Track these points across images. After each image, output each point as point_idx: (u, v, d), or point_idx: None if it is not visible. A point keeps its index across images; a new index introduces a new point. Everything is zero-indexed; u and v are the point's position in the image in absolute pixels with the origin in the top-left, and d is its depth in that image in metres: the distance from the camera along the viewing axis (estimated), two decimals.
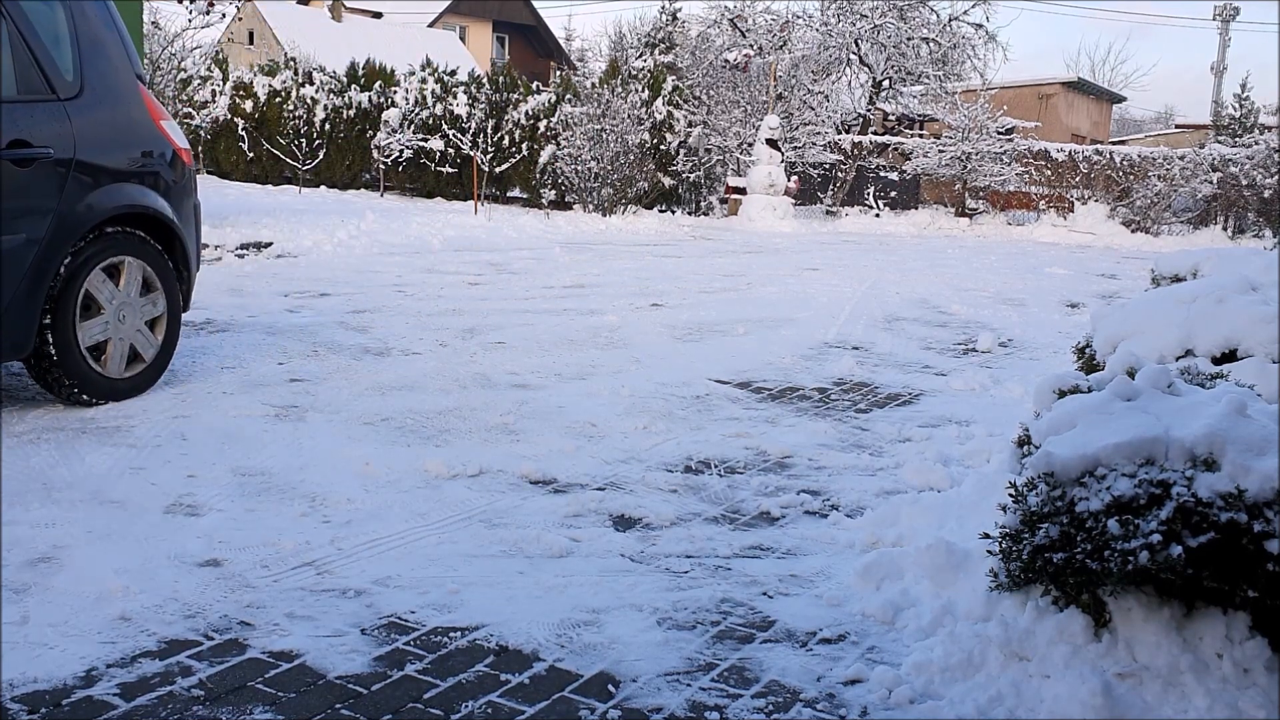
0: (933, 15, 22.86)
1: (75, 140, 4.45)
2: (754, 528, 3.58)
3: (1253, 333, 3.58)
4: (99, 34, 4.73)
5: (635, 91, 17.82)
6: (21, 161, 4.23)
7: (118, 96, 4.75)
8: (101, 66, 4.68)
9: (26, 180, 4.26)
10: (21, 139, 4.24)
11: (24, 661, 2.47)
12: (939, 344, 7.26)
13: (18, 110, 4.27)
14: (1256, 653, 2.44)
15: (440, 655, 2.61)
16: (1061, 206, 20.09)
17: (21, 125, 4.25)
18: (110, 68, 4.73)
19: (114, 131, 4.70)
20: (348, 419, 4.62)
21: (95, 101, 4.61)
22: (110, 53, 4.76)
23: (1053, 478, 2.53)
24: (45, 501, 3.48)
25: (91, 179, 4.51)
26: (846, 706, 2.46)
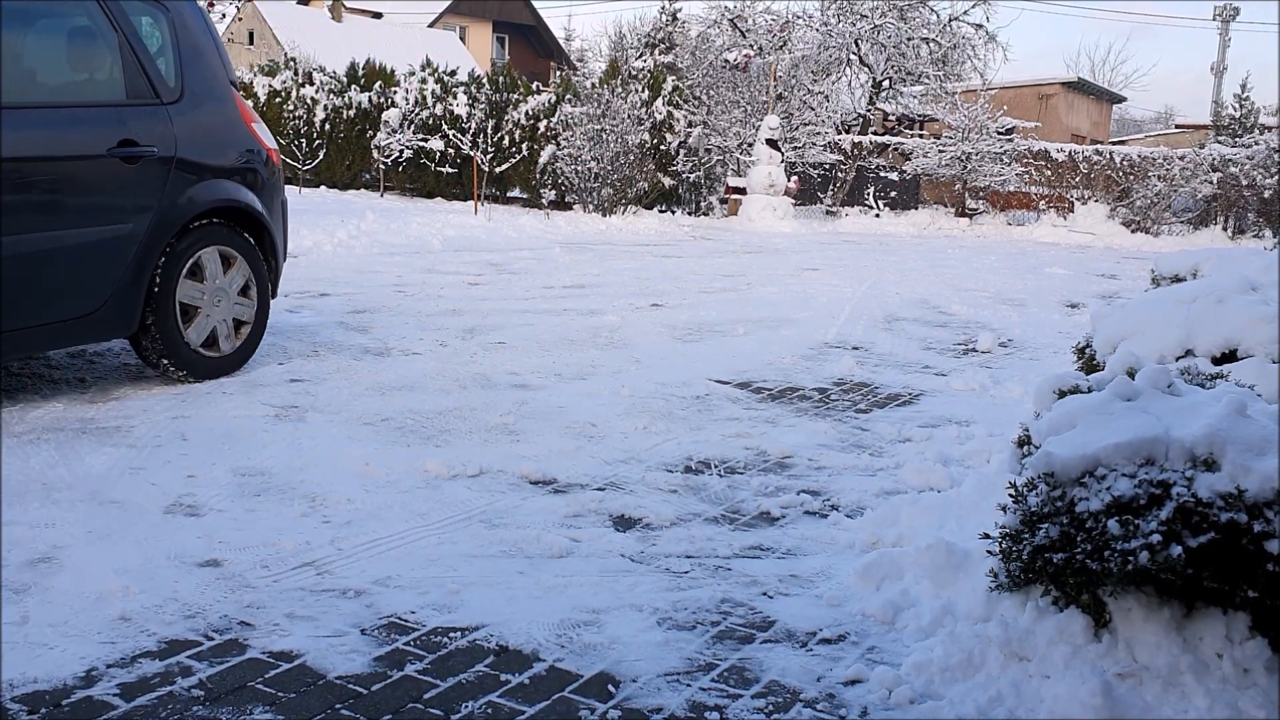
0: (933, 15, 22.86)
1: (176, 140, 4.87)
2: (754, 528, 3.58)
3: (1253, 333, 3.57)
4: (198, 42, 5.15)
5: (635, 92, 17.82)
6: (129, 159, 4.68)
7: (214, 100, 5.18)
8: (200, 72, 5.11)
9: (133, 176, 4.70)
10: (129, 139, 4.68)
11: (24, 661, 2.47)
12: (939, 344, 7.26)
13: (126, 113, 4.73)
14: (1256, 653, 2.44)
15: (440, 655, 2.61)
16: (1061, 207, 20.09)
17: (130, 126, 4.70)
18: (208, 73, 5.17)
19: (210, 132, 5.11)
20: (348, 419, 4.62)
21: (194, 105, 5.03)
22: (208, 59, 5.19)
23: (1053, 478, 2.53)
24: (45, 501, 3.48)
25: (190, 175, 4.94)
26: (846, 707, 2.46)
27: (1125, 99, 43.36)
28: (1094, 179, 20.03)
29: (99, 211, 4.62)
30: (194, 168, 4.96)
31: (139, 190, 4.72)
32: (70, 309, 4.57)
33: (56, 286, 4.51)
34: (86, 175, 4.59)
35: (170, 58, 5.02)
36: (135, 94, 4.81)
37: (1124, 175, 19.61)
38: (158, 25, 5.04)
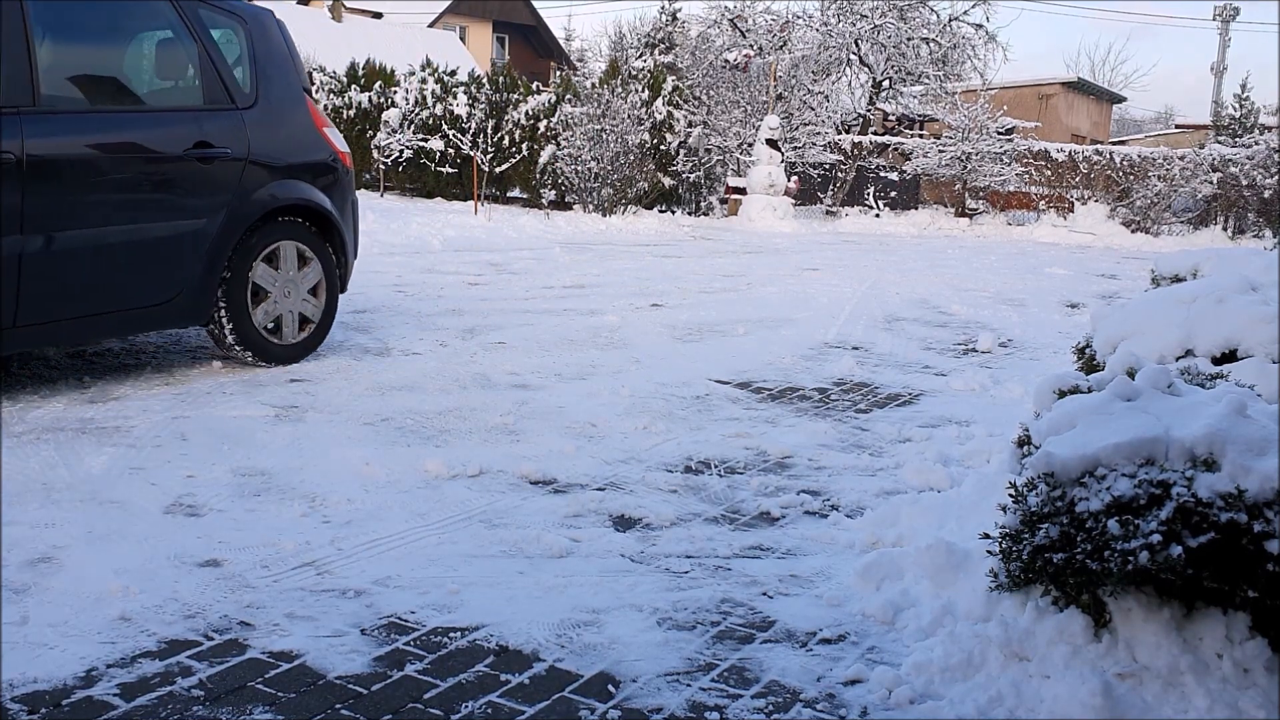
0: (933, 15, 22.86)
1: (249, 142, 5.25)
2: (754, 528, 3.58)
3: (1253, 333, 3.57)
4: (272, 52, 5.55)
5: (635, 92, 17.82)
6: (204, 159, 5.06)
7: (286, 106, 5.55)
8: (273, 80, 5.50)
9: (208, 174, 5.09)
10: (205, 140, 5.06)
11: (24, 661, 2.47)
12: (939, 344, 7.26)
13: (203, 117, 5.14)
14: (1256, 653, 2.44)
15: (440, 655, 2.61)
16: (1061, 207, 20.10)
17: (206, 129, 5.10)
18: (281, 81, 5.55)
19: (282, 136, 5.48)
20: (348, 419, 4.62)
21: (267, 110, 5.41)
22: (281, 68, 5.58)
23: (1053, 478, 2.53)
24: (45, 502, 3.48)
25: (262, 175, 5.30)
26: (846, 707, 2.46)
27: (1125, 99, 43.36)
28: (1094, 179, 20.04)
29: (177, 207, 5.01)
30: (266, 168, 5.33)
31: (214, 188, 5.11)
32: (150, 296, 4.94)
33: (138, 275, 4.88)
34: (166, 174, 4.98)
35: (246, 66, 5.41)
36: (212, 99, 5.21)
37: (1124, 175, 19.61)
38: (236, 36, 5.44)
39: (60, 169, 4.55)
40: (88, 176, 4.66)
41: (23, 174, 4.36)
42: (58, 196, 4.52)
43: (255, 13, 5.58)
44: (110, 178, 4.77)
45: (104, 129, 4.78)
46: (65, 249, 4.56)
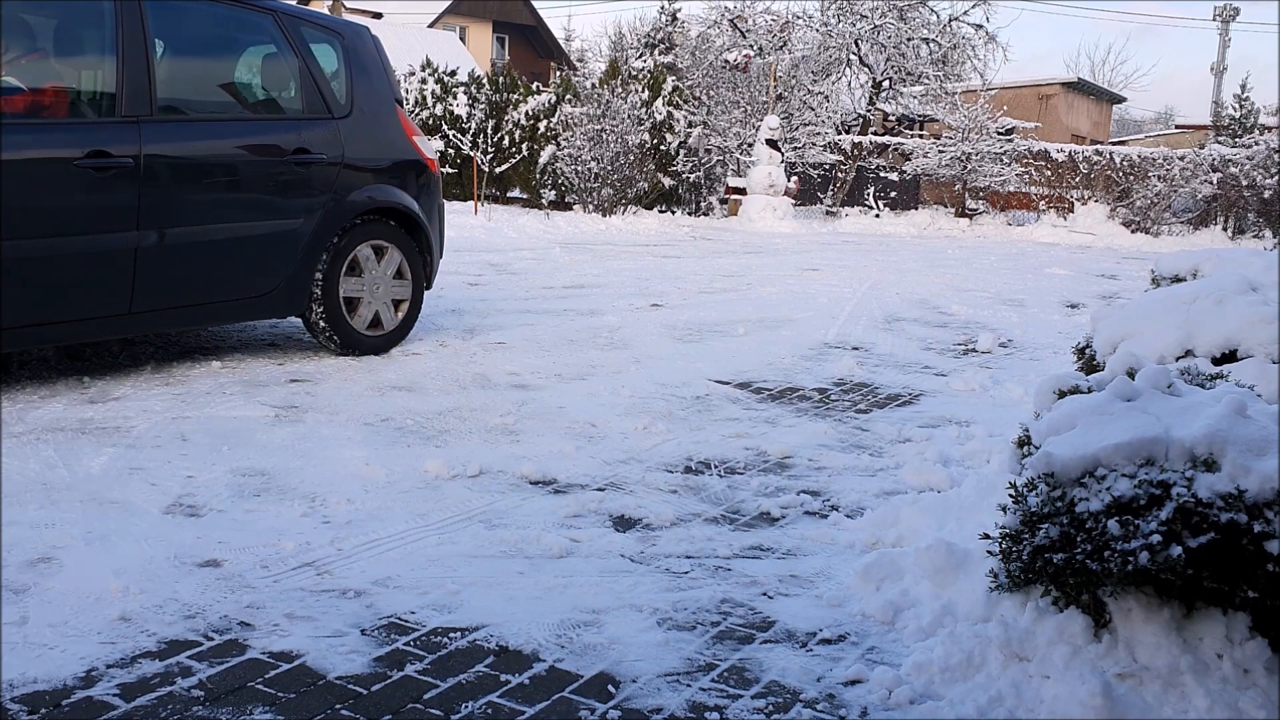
0: (933, 16, 22.86)
1: (344, 149, 5.71)
2: (754, 528, 3.58)
3: (1253, 333, 3.57)
4: (366, 65, 6.01)
5: (635, 92, 17.83)
6: (303, 164, 5.51)
7: (379, 115, 5.99)
8: (367, 91, 5.95)
9: (307, 178, 5.54)
10: (304, 147, 5.53)
11: (24, 662, 2.47)
12: (939, 344, 7.26)
13: (302, 126, 5.61)
14: (1256, 653, 2.44)
15: (440, 656, 2.61)
16: (1061, 207, 20.11)
17: (304, 137, 5.57)
18: (374, 92, 6.00)
19: (374, 143, 5.92)
20: (348, 419, 4.62)
21: (361, 119, 5.86)
22: (374, 80, 6.03)
23: (1053, 478, 2.53)
24: (45, 502, 3.48)
25: (356, 179, 5.75)
26: (846, 707, 2.46)
27: (1125, 99, 43.37)
28: (1094, 179, 20.05)
29: (278, 208, 5.46)
30: (359, 173, 5.78)
31: (312, 191, 5.57)
32: (252, 288, 5.41)
33: (242, 268, 5.34)
34: (269, 177, 5.44)
35: (343, 78, 5.87)
36: (311, 109, 5.69)
37: (1124, 176, 19.62)
38: (333, 50, 5.90)
39: (172, 172, 5.00)
40: (197, 179, 5.14)
41: (140, 176, 4.83)
42: (170, 196, 4.97)
43: (352, 28, 6.10)
44: (217, 180, 5.27)
45: (213, 136, 5.27)
46: (175, 244, 5.00)
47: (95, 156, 4.68)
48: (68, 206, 4.65)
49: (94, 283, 4.78)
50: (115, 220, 4.77)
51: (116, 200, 4.77)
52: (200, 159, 5.14)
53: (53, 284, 4.65)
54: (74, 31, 5.01)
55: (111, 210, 4.76)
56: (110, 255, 4.78)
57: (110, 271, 4.79)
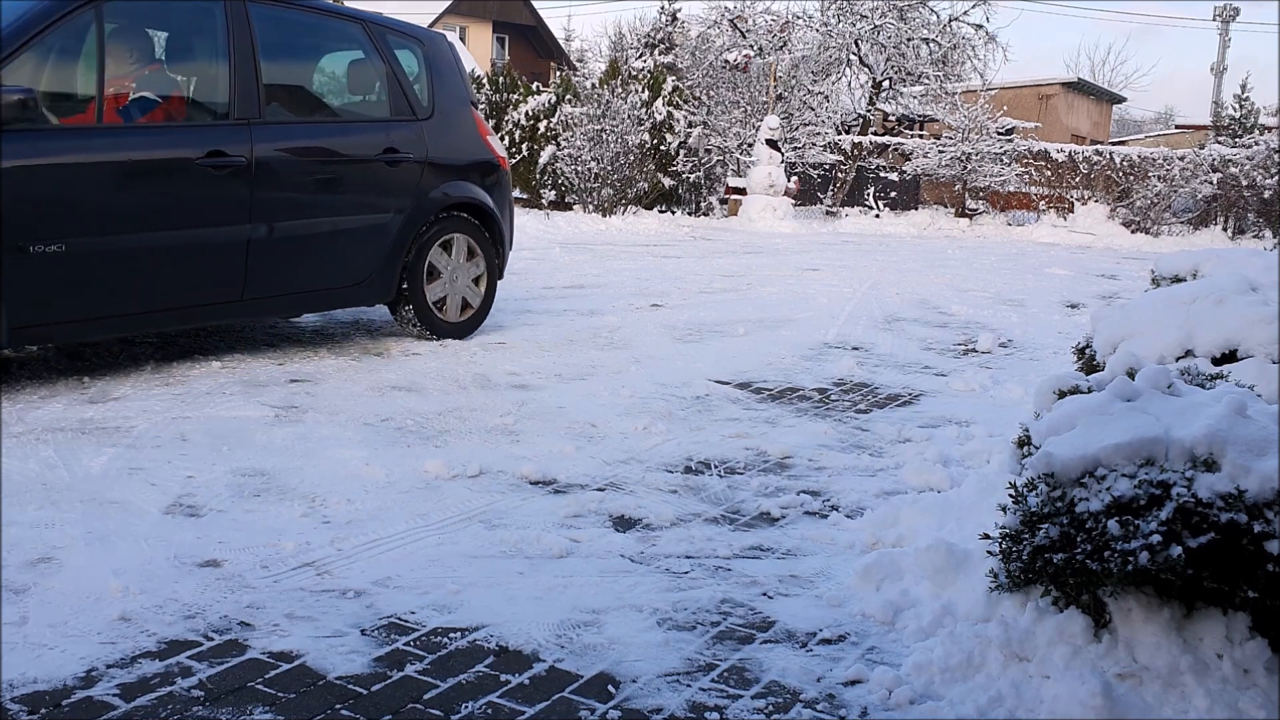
0: (933, 16, 22.85)
1: (427, 149, 6.13)
2: (754, 528, 3.58)
3: (1253, 333, 3.57)
4: (445, 70, 6.45)
5: (635, 92, 17.82)
6: (391, 163, 5.96)
7: (456, 117, 6.42)
8: (446, 94, 6.39)
9: (394, 176, 5.99)
10: (392, 147, 5.98)
11: (24, 662, 2.47)
12: (939, 344, 7.26)
13: (390, 127, 6.06)
14: (1257, 653, 2.44)
15: (440, 656, 2.61)
16: (1061, 207, 20.11)
17: (393, 138, 6.02)
18: (453, 95, 6.44)
19: (453, 143, 6.34)
20: (347, 419, 4.62)
21: (441, 121, 6.29)
22: (453, 84, 6.47)
23: (1053, 478, 2.53)
24: (45, 502, 3.48)
25: (437, 177, 6.19)
26: (846, 707, 2.46)
27: (1125, 99, 43.38)
28: (1094, 179, 20.05)
29: (369, 204, 5.89)
30: (440, 171, 6.20)
31: (399, 188, 6.00)
32: (346, 278, 5.85)
33: (338, 259, 5.77)
34: (361, 175, 5.87)
35: (424, 82, 6.30)
36: (397, 111, 6.13)
37: (1124, 176, 19.62)
38: (415, 56, 6.32)
39: (279, 170, 5.45)
40: (300, 177, 5.58)
41: (251, 175, 5.27)
42: (277, 193, 5.42)
43: (431, 36, 6.55)
44: (317, 178, 5.68)
45: (312, 137, 5.75)
46: (282, 236, 5.44)
47: (213, 156, 5.13)
48: (191, 201, 5.10)
49: (213, 271, 5.24)
50: (231, 214, 5.23)
51: (232, 196, 5.22)
52: (302, 158, 5.61)
53: (179, 272, 5.11)
54: (189, 41, 5.52)
55: (227, 205, 5.22)
56: (227, 246, 5.24)
57: (227, 261, 5.26)
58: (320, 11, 5.98)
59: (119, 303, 4.94)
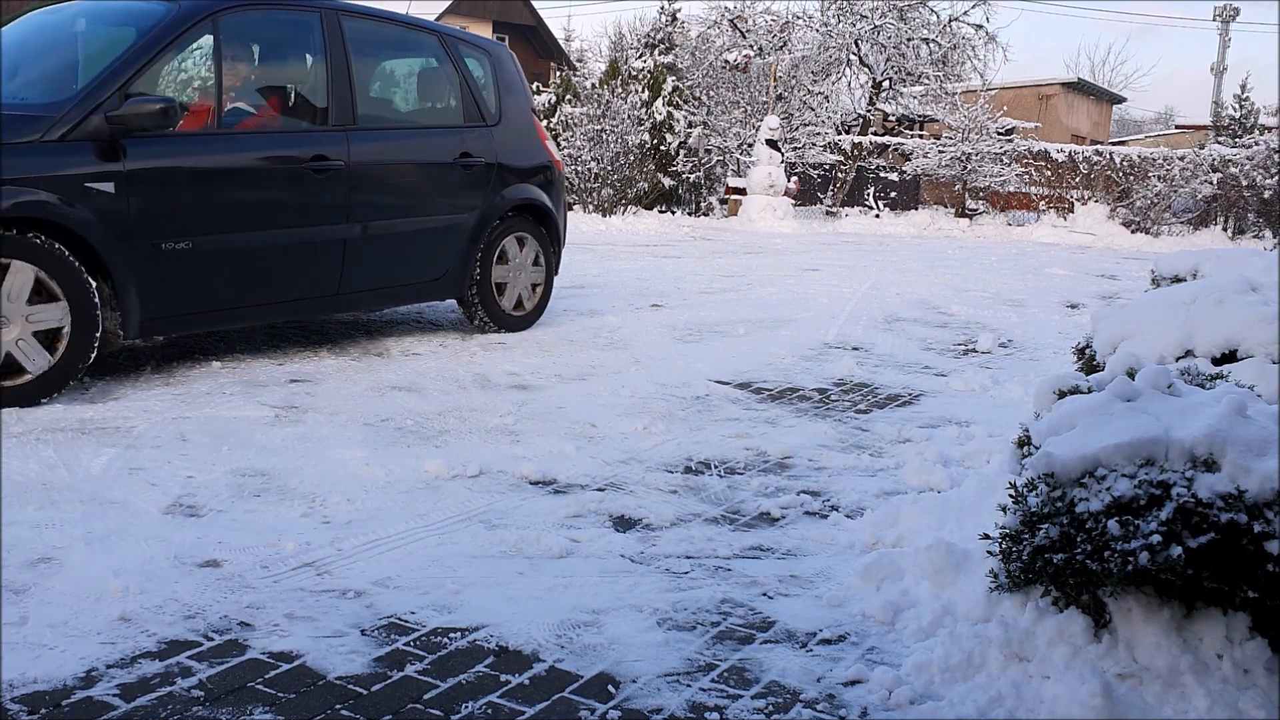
0: (933, 16, 22.86)
1: (496, 152, 6.55)
2: (754, 528, 3.58)
3: (1253, 333, 3.57)
4: (510, 79, 6.88)
5: (635, 92, 17.83)
6: (466, 166, 6.37)
7: (521, 123, 6.84)
8: (511, 101, 6.82)
9: (469, 179, 6.41)
10: (467, 151, 6.38)
11: (24, 662, 2.47)
12: (939, 345, 7.26)
13: (465, 133, 6.45)
14: (1257, 653, 2.44)
15: (440, 656, 2.61)
16: (1061, 207, 20.11)
17: (468, 143, 6.42)
18: (517, 102, 6.87)
19: (518, 147, 6.74)
20: (347, 419, 4.62)
21: (508, 127, 6.71)
22: (516, 92, 6.90)
23: (1053, 478, 2.53)
24: (45, 502, 3.47)
25: (505, 180, 6.60)
26: (846, 707, 2.46)
27: (1125, 99, 43.38)
28: (1094, 179, 20.05)
29: (447, 205, 6.30)
30: (507, 174, 6.61)
31: (472, 190, 6.42)
32: (427, 273, 6.24)
33: (420, 256, 6.15)
34: (441, 178, 6.28)
35: (491, 90, 6.71)
36: (470, 118, 6.54)
37: (1124, 176, 19.62)
38: (483, 65, 6.73)
39: (372, 173, 5.80)
40: (389, 179, 5.95)
41: (349, 177, 5.64)
42: (369, 195, 5.78)
43: (496, 45, 6.98)
44: (403, 180, 6.08)
45: (399, 141, 6.14)
46: (374, 235, 5.82)
47: (317, 160, 5.51)
48: (297, 203, 5.47)
49: (314, 268, 5.61)
50: (331, 214, 5.61)
51: (332, 197, 5.59)
52: (391, 161, 5.99)
53: (285, 269, 5.48)
54: (291, 51, 5.90)
55: (328, 206, 5.59)
56: (327, 245, 5.62)
57: (326, 258, 5.63)
58: (401, 23, 6.39)
59: (234, 296, 5.29)
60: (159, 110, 4.71)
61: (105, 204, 4.66)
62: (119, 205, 4.70)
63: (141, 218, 4.78)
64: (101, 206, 4.65)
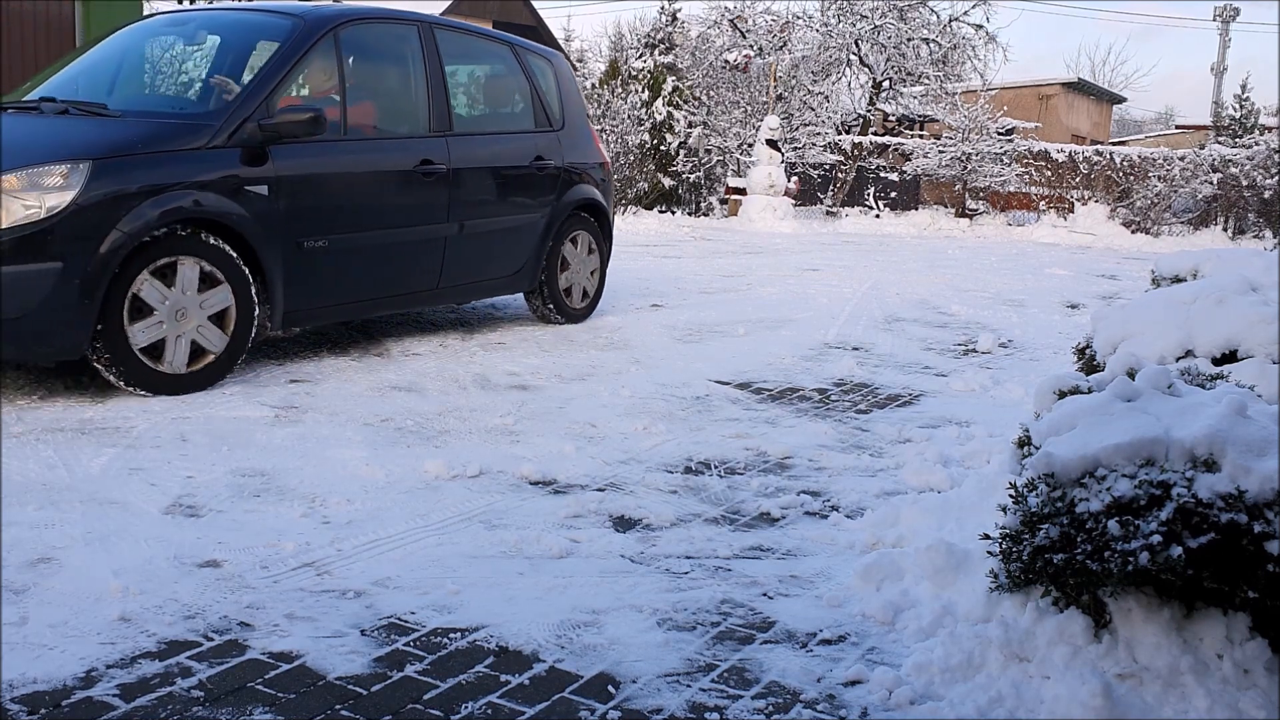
0: (933, 16, 22.85)
1: (563, 155, 7.07)
2: (754, 529, 3.58)
3: (1253, 333, 3.57)
4: (569, 87, 7.40)
5: (635, 92, 17.83)
6: (540, 168, 6.87)
7: (579, 126, 7.38)
8: (572, 107, 7.36)
9: (541, 180, 6.90)
10: (540, 155, 6.89)
11: (24, 662, 2.47)
12: (939, 345, 7.26)
13: (537, 137, 6.97)
14: (1257, 654, 2.44)
15: (440, 656, 2.61)
16: (1062, 207, 20.10)
17: (540, 146, 6.93)
18: (576, 107, 7.42)
19: (579, 150, 7.27)
20: (347, 419, 4.62)
21: (571, 131, 7.24)
22: (575, 97, 7.45)
23: (1053, 478, 2.53)
24: (45, 502, 3.47)
25: (570, 180, 7.11)
26: (847, 707, 2.46)
27: (1125, 99, 43.37)
28: (1094, 180, 20.04)
29: (524, 204, 6.78)
30: (572, 175, 7.12)
31: (544, 190, 6.90)
32: (506, 269, 6.71)
33: (502, 252, 6.63)
34: (519, 180, 6.74)
35: (555, 96, 7.21)
36: (539, 123, 7.04)
37: (1124, 176, 19.62)
38: (548, 72, 7.23)
39: (467, 176, 6.27)
40: (480, 181, 6.42)
41: (449, 180, 6.13)
42: (465, 195, 6.26)
43: (556, 54, 7.50)
44: (491, 182, 6.53)
45: (487, 147, 6.56)
46: (469, 233, 6.31)
47: (424, 164, 5.97)
48: (409, 204, 5.94)
49: (421, 263, 6.07)
50: (435, 214, 6.08)
51: (436, 199, 6.07)
52: (482, 165, 6.44)
53: (399, 264, 5.92)
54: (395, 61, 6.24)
55: (433, 206, 6.06)
56: (432, 242, 6.09)
57: (431, 254, 6.11)
58: (480, 35, 7.03)
59: (359, 290, 5.74)
60: (309, 119, 5.16)
61: (260, 205, 5.10)
62: (271, 206, 5.15)
63: (287, 217, 5.22)
64: (257, 207, 5.08)
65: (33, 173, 4.47)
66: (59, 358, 4.63)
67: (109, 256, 4.55)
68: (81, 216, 4.50)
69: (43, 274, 4.43)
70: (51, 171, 4.51)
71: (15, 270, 4.38)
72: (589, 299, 7.43)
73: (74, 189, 4.50)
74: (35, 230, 4.42)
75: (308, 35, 5.51)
